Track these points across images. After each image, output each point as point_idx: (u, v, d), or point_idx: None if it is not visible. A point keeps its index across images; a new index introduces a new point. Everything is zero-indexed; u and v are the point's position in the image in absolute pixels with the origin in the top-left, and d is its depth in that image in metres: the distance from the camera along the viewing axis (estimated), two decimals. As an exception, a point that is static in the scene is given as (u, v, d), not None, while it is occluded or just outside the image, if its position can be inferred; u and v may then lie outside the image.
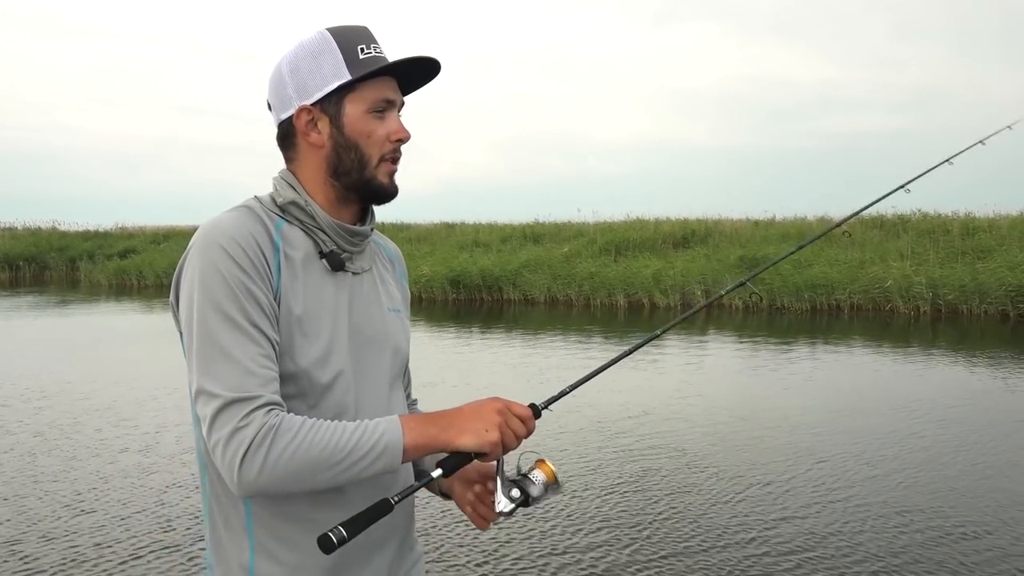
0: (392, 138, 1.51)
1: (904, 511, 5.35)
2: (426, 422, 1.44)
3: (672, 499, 5.64)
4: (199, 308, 1.38)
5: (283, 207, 1.51)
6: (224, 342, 1.36)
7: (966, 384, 9.63)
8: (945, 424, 7.58)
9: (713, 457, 6.63)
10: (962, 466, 6.30)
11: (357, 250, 1.58)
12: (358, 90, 1.49)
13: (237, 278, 1.38)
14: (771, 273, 18.24)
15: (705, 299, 18.26)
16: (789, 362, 11.37)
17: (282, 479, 1.34)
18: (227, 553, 1.49)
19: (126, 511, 5.48)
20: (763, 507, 5.47)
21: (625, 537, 4.98)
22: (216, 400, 1.34)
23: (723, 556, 4.69)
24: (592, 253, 21.96)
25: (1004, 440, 7.06)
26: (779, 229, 23.00)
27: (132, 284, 27.76)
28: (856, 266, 18.19)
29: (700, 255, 20.69)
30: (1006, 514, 5.29)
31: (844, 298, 17.22)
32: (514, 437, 1.46)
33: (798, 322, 16.08)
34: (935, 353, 12.01)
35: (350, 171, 1.51)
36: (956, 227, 20.40)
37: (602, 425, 7.41)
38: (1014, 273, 15.94)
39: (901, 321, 15.79)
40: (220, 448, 1.34)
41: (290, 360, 1.44)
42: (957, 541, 4.88)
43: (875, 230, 21.49)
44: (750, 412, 8.25)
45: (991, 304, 15.75)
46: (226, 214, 1.47)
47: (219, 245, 1.39)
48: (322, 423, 1.38)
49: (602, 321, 16.79)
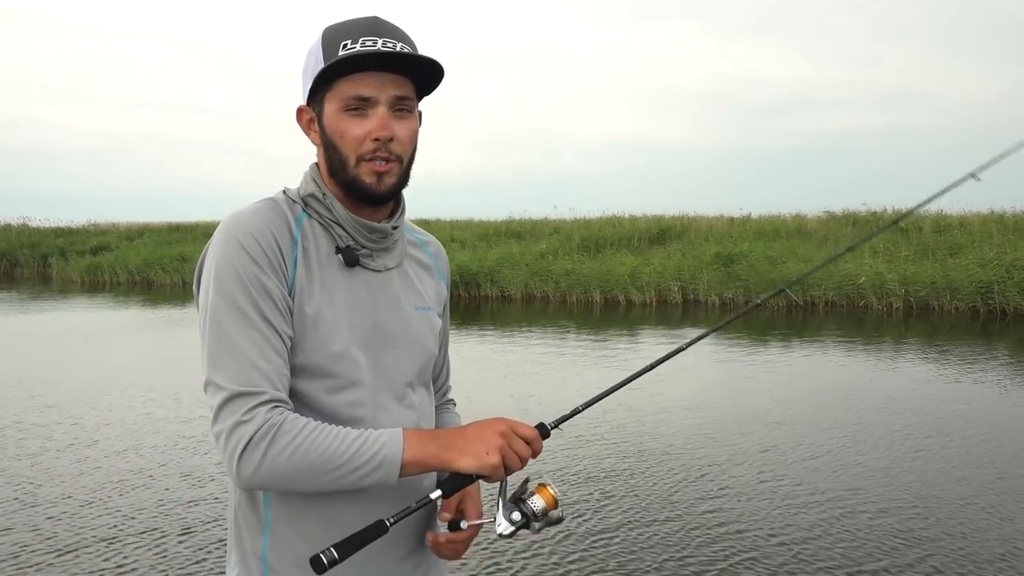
0: (371, 136, 1.45)
1: (897, 508, 5.39)
2: (428, 440, 1.42)
3: (668, 499, 5.65)
4: (212, 301, 1.40)
5: (304, 200, 1.52)
6: (234, 335, 1.38)
7: (936, 379, 9.71)
8: (916, 417, 7.66)
9: (695, 452, 6.65)
10: (931, 459, 6.37)
11: (378, 247, 1.55)
12: (334, 88, 1.45)
13: (251, 272, 1.39)
14: (747, 270, 18.36)
15: (744, 305, 18.28)
16: (766, 359, 11.44)
17: (279, 477, 1.35)
18: (244, 541, 1.50)
19: (157, 500, 5.43)
20: (753, 507, 5.48)
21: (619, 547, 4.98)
22: (222, 392, 1.36)
23: (700, 551, 4.71)
24: (569, 250, 21.97)
25: (977, 433, 7.13)
26: (755, 226, 23.11)
27: (105, 281, 27.47)
28: (830, 263, 18.31)
29: (676, 252, 20.75)
30: (980, 505, 5.36)
31: (819, 295, 17.34)
32: (518, 459, 1.43)
33: (774, 318, 16.16)
34: (906, 349, 12.12)
35: (337, 171, 1.49)
36: (928, 225, 20.59)
37: (590, 425, 7.40)
38: (984, 270, 16.12)
39: (874, 317, 15.92)
40: (222, 439, 1.35)
41: (303, 354, 1.44)
42: (929, 530, 4.93)
43: (849, 227, 21.66)
44: (731, 407, 8.29)
45: (962, 300, 15.92)
46: (248, 207, 1.47)
47: (236, 239, 1.41)
48: (324, 427, 1.38)
49: (578, 318, 16.79)
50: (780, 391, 9.13)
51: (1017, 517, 5.17)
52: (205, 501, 5.59)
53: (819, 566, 4.50)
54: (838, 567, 4.48)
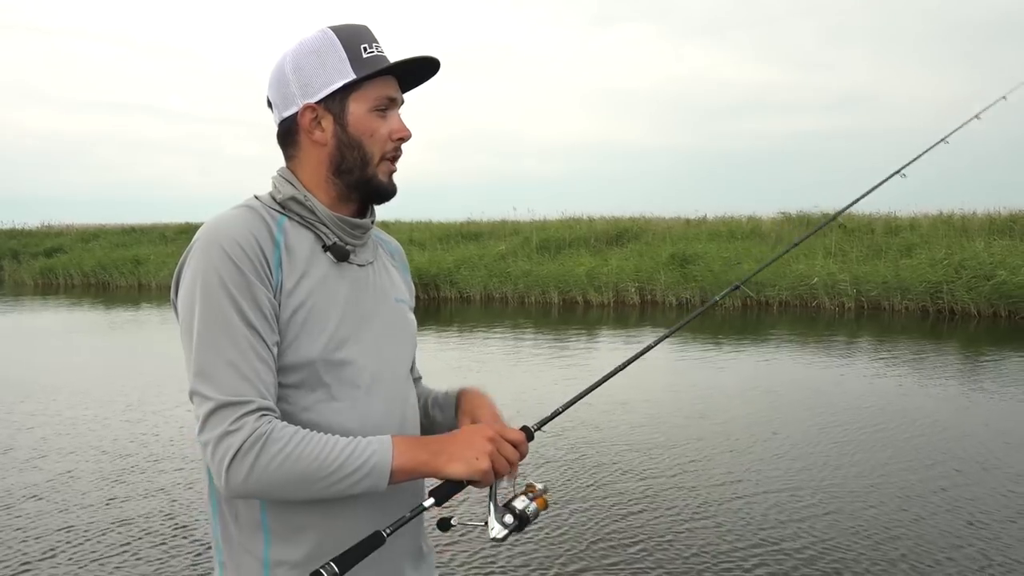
0: (394, 136, 1.51)
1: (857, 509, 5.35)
2: (417, 446, 1.43)
3: (645, 494, 5.55)
4: (198, 310, 1.38)
5: (283, 203, 1.51)
6: (219, 345, 1.36)
7: (885, 377, 9.75)
8: (864, 417, 7.65)
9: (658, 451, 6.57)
10: (875, 451, 6.35)
11: (359, 243, 1.58)
12: (362, 89, 1.49)
13: (236, 280, 1.38)
14: (703, 271, 18.40)
15: (701, 304, 18.27)
16: (721, 356, 11.42)
17: (268, 487, 1.35)
18: (238, 548, 1.47)
19: (123, 511, 5.19)
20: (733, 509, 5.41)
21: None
22: (209, 402, 1.34)
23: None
24: (528, 251, 21.83)
25: (922, 430, 7.13)
26: (710, 227, 23.21)
27: (59, 283, 26.94)
28: (783, 263, 18.42)
29: (633, 253, 20.71)
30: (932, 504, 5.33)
31: (773, 295, 17.41)
32: (506, 464, 1.45)
33: (730, 318, 16.20)
34: (857, 347, 12.19)
35: (352, 169, 1.51)
36: (879, 226, 20.83)
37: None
38: (934, 270, 16.27)
39: (827, 316, 16.00)
40: (210, 450, 1.34)
41: (298, 351, 1.44)
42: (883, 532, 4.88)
43: (802, 228, 21.81)
44: (690, 403, 8.24)
45: (912, 300, 16.06)
46: (227, 213, 1.46)
47: (220, 246, 1.39)
48: (313, 435, 1.37)
49: (537, 318, 16.68)
50: (734, 387, 9.10)
51: (937, 509, 5.15)
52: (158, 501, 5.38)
53: (791, 552, 4.43)
54: (808, 554, 4.42)
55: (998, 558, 4.50)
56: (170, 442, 7.06)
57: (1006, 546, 4.66)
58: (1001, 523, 5.00)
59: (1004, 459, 6.29)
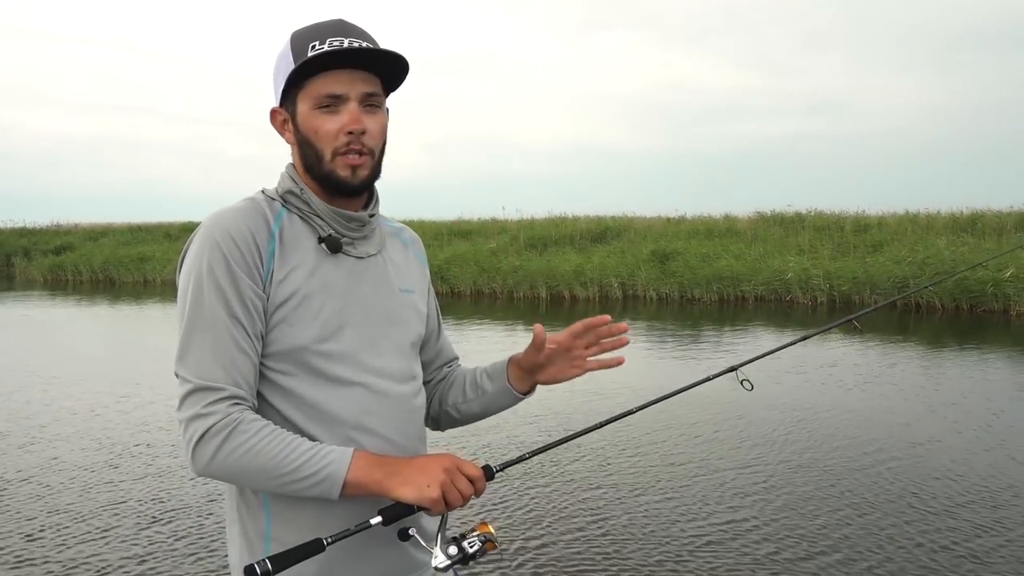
0: (344, 131, 1.45)
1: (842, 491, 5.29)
2: (374, 465, 1.40)
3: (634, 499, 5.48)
4: (189, 296, 1.40)
5: (283, 196, 1.52)
6: (202, 332, 1.38)
7: (859, 363, 9.73)
8: (839, 399, 7.63)
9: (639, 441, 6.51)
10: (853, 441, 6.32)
11: (358, 235, 1.55)
12: (306, 88, 1.46)
13: (224, 272, 1.39)
14: (682, 267, 18.39)
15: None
16: (700, 348, 11.38)
17: (228, 473, 1.37)
18: (245, 523, 1.48)
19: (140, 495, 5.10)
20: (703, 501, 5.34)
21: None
22: (186, 384, 1.37)
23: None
24: (516, 248, 21.77)
25: (897, 409, 7.11)
26: (689, 226, 23.19)
27: (68, 279, 26.75)
28: (759, 260, 18.44)
29: (616, 250, 20.68)
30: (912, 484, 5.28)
31: (749, 289, 17.40)
32: (459, 496, 1.40)
33: (707, 312, 16.18)
34: (830, 339, 12.17)
35: (311, 165, 1.49)
36: (849, 224, 20.87)
37: (536, 416, 7.22)
38: (900, 267, 16.32)
39: (800, 310, 16.02)
40: (182, 428, 1.37)
41: (288, 338, 1.44)
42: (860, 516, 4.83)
43: (776, 227, 21.83)
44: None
45: (880, 294, 16.08)
46: (229, 206, 1.47)
47: (214, 239, 1.41)
48: (279, 434, 1.37)
49: (525, 313, 16.63)
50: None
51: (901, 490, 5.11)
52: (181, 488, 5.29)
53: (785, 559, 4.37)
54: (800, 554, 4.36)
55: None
56: (160, 429, 6.99)
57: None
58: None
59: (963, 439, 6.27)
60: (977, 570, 4.13)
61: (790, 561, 4.26)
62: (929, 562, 4.22)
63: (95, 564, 4.30)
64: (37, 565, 4.29)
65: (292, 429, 1.43)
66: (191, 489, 5.45)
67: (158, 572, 4.20)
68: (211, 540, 4.60)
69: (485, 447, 6.34)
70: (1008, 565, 4.18)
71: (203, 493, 5.35)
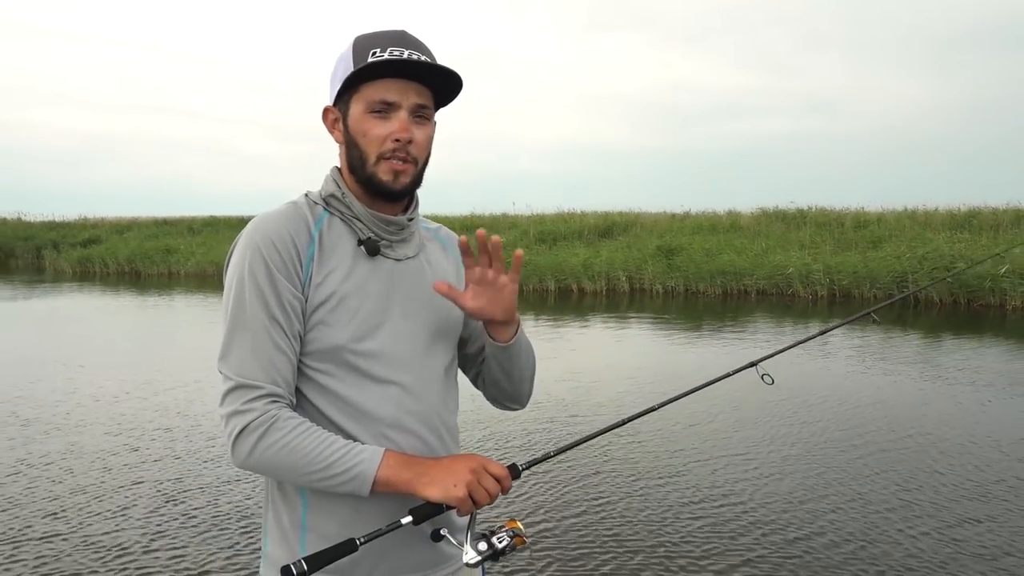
0: (392, 137, 1.46)
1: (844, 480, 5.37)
2: (404, 465, 1.42)
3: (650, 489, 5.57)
4: (232, 300, 1.44)
5: (326, 200, 1.53)
6: (243, 332, 1.42)
7: (857, 358, 9.79)
8: (834, 392, 7.69)
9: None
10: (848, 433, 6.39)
11: (396, 238, 1.56)
12: (361, 91, 1.47)
13: (266, 276, 1.42)
14: (686, 261, 18.43)
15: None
16: (711, 342, 11.43)
17: (265, 466, 1.40)
18: (281, 513, 1.51)
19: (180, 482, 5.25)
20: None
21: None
22: (228, 381, 1.41)
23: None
24: (526, 243, 21.84)
25: (891, 406, 7.18)
26: (693, 222, 23.21)
27: (95, 271, 26.96)
28: (761, 254, 18.45)
29: (623, 245, 20.73)
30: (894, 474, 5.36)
31: (751, 283, 17.43)
32: (487, 495, 1.41)
33: (711, 306, 16.22)
34: (831, 333, 12.20)
35: (356, 167, 1.50)
36: (849, 220, 20.87)
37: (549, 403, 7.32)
38: (899, 261, 16.30)
39: (801, 304, 16.03)
40: (223, 423, 1.41)
41: (327, 338, 1.46)
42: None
43: (778, 223, 21.83)
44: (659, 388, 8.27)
45: (879, 289, 16.09)
46: (272, 211, 1.49)
47: (256, 244, 1.43)
48: (314, 431, 1.40)
49: (535, 304, 16.71)
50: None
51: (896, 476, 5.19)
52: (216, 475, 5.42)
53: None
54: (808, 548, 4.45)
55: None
56: (179, 415, 7.13)
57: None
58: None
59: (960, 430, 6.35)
60: (957, 554, 4.21)
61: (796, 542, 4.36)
62: (913, 548, 4.31)
63: (111, 542, 4.43)
64: (62, 539, 4.44)
65: (329, 425, 1.46)
66: (206, 471, 5.58)
67: (173, 547, 4.33)
68: (225, 519, 4.73)
69: (516, 447, 6.45)
70: (986, 548, 4.26)
71: (218, 476, 5.48)
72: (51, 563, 4.14)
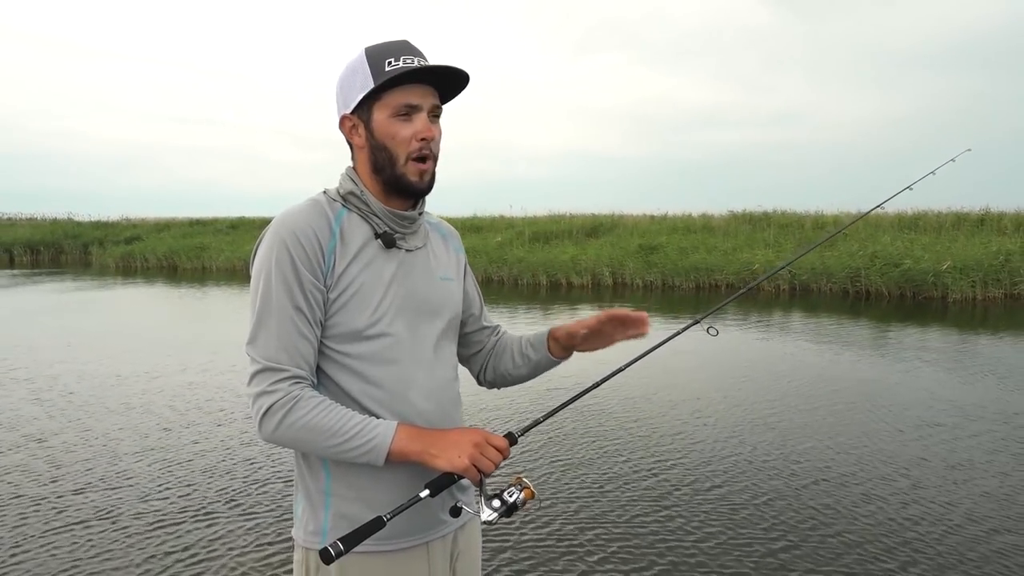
0: (417, 137, 1.47)
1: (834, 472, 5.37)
2: (414, 437, 1.43)
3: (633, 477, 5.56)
4: (260, 290, 1.43)
5: (344, 197, 1.52)
6: (269, 319, 1.41)
7: (812, 345, 9.80)
8: (797, 375, 7.69)
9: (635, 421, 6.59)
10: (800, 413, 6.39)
11: (409, 231, 1.57)
12: (383, 98, 1.46)
13: (289, 267, 1.41)
14: (663, 258, 18.41)
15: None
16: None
17: (290, 440, 1.41)
18: (308, 481, 1.51)
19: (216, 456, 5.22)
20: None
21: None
22: (255, 364, 1.41)
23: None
24: (521, 242, 21.80)
25: (839, 391, 7.18)
26: (670, 223, 23.17)
27: (136, 266, 26.93)
28: (730, 252, 18.45)
29: (607, 243, 20.67)
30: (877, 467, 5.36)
31: (721, 278, 17.42)
32: (489, 463, 1.44)
33: (685, 298, 16.21)
34: (790, 322, 12.23)
35: (384, 168, 1.49)
36: (809, 222, 20.87)
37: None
38: (853, 259, 16.29)
39: (765, 297, 16.04)
40: (251, 402, 1.41)
41: (347, 323, 1.46)
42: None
43: (745, 224, 21.81)
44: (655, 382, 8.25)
45: (835, 283, 16.09)
46: (296, 206, 1.48)
47: (281, 238, 1.42)
48: (333, 408, 1.41)
49: (528, 297, 16.69)
50: (695, 360, 9.13)
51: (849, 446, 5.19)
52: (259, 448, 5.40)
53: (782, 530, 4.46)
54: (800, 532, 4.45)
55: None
56: (208, 400, 7.10)
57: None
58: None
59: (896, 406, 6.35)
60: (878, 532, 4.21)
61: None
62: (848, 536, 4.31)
63: (149, 508, 4.43)
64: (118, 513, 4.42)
65: (349, 400, 1.47)
66: (234, 445, 5.57)
67: (204, 511, 4.33)
68: (247, 484, 4.73)
69: (514, 413, 6.44)
70: (891, 528, 4.26)
71: (241, 452, 5.47)
72: (117, 510, 4.13)
